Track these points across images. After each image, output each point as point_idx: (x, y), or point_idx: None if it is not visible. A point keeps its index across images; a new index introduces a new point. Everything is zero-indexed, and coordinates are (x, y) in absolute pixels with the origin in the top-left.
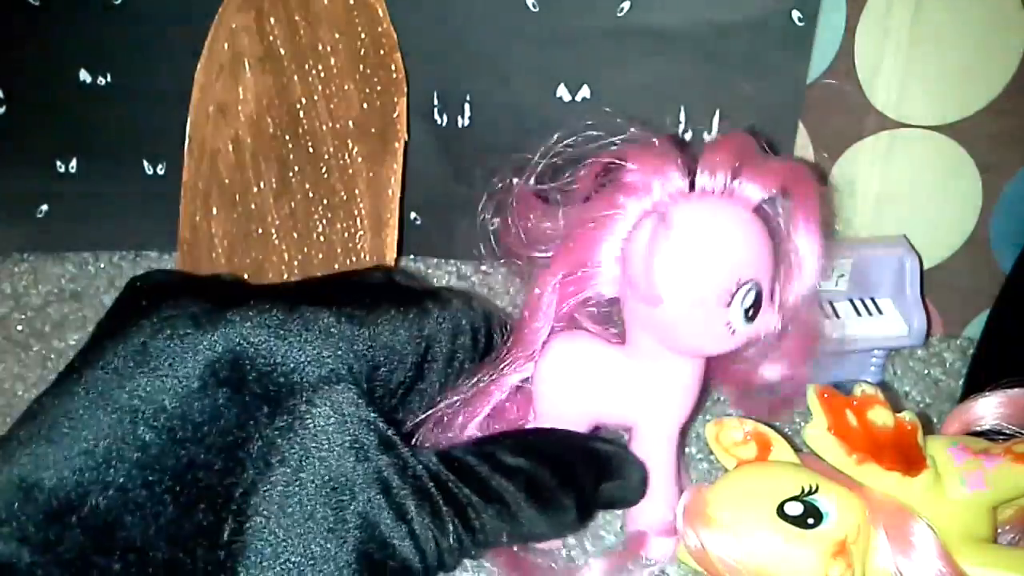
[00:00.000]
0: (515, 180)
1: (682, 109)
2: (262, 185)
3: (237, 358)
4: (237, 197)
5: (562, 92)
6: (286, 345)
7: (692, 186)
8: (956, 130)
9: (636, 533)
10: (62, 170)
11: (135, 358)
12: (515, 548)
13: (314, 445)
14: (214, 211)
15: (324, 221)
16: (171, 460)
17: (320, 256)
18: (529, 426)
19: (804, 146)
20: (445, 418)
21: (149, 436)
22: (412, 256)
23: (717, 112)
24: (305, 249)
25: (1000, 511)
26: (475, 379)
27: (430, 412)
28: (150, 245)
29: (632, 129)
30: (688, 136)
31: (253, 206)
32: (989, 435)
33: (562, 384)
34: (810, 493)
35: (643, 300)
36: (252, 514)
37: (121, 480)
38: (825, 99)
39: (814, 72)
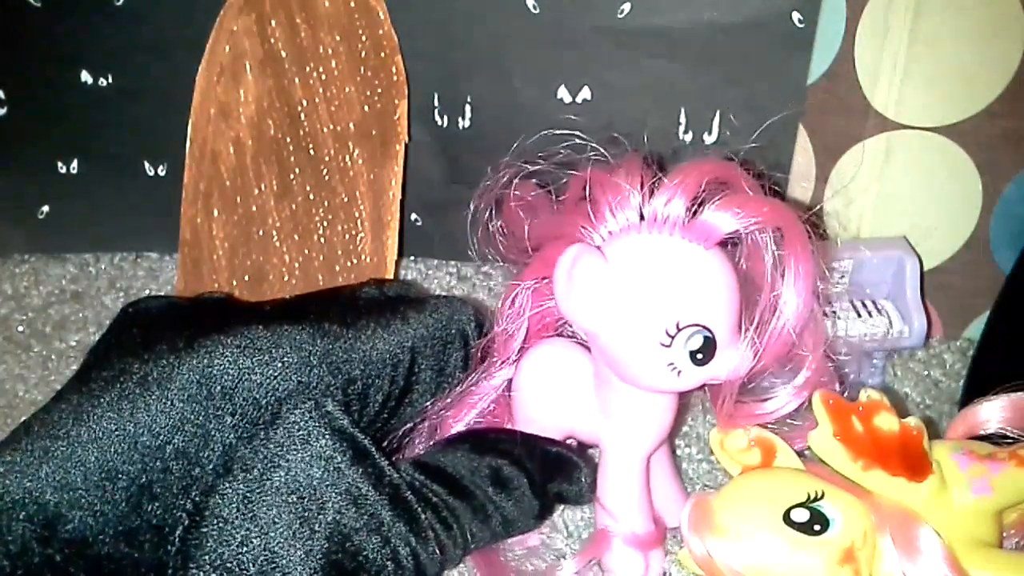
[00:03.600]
0: (507, 181)
1: (682, 110)
2: (263, 187)
3: (205, 378)
4: (238, 199)
5: (563, 93)
6: (256, 363)
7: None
8: (956, 132)
9: (600, 533)
10: (63, 171)
11: (112, 382)
12: (490, 549)
13: (279, 454)
14: (215, 213)
15: (325, 223)
16: (128, 466)
17: (321, 258)
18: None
19: (804, 148)
20: (433, 427)
21: (112, 448)
22: (412, 257)
23: (717, 114)
24: (306, 251)
25: (1005, 516)
26: (458, 387)
27: (416, 422)
28: (151, 246)
29: (615, 136)
30: (688, 138)
31: (254, 208)
32: (994, 439)
33: (539, 390)
34: (816, 499)
35: (582, 329)
36: (209, 515)
37: (74, 482)
38: (825, 101)
39: (814, 74)
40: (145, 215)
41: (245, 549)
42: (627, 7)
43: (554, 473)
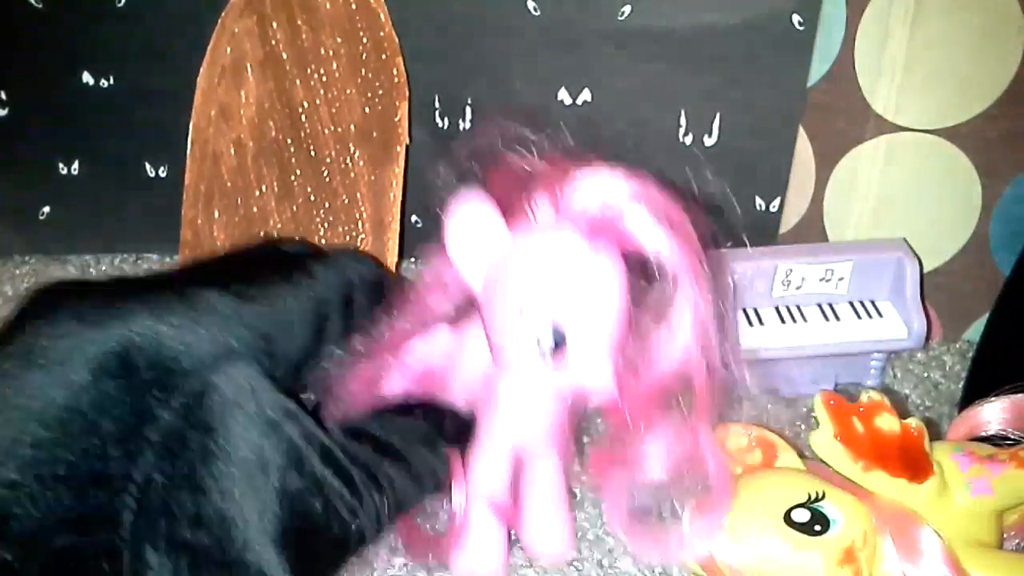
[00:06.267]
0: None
1: (683, 112)
2: (264, 188)
3: (125, 350)
4: (239, 200)
5: (563, 95)
6: (173, 329)
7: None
8: (955, 134)
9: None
10: (64, 172)
11: (25, 359)
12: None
13: (217, 421)
14: (216, 214)
15: (326, 224)
16: (64, 452)
17: None
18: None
19: (804, 149)
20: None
21: (40, 433)
22: (413, 259)
23: (717, 115)
24: None
25: (1006, 516)
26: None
27: (330, 378)
28: (152, 247)
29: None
30: (688, 140)
31: (255, 209)
32: (994, 440)
33: (446, 369)
34: (817, 500)
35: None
36: (156, 495)
37: (13, 477)
38: (825, 103)
39: (814, 76)
40: (146, 216)
41: (200, 523)
42: (627, 9)
43: (468, 435)
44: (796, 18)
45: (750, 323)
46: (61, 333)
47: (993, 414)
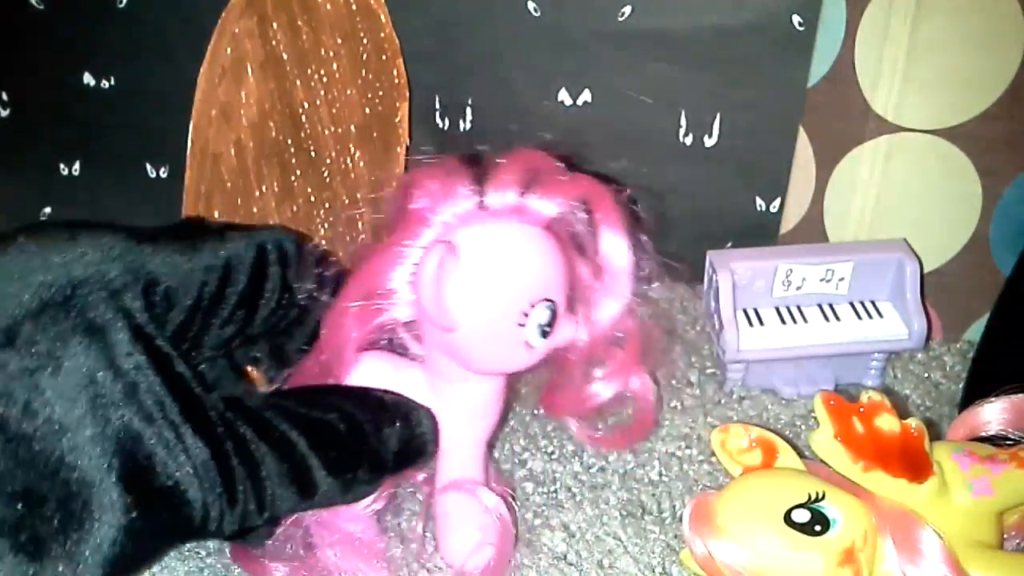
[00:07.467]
0: None
1: (683, 113)
2: (264, 189)
3: None
4: (239, 200)
5: (563, 96)
6: (50, 249)
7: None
8: (956, 134)
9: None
10: (65, 172)
11: None
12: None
13: (68, 334)
14: (216, 214)
15: (326, 225)
16: None
17: None
18: None
19: (804, 149)
20: None
21: None
22: None
23: (718, 116)
24: None
25: (1006, 517)
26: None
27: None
28: None
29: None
30: (689, 140)
31: (255, 209)
32: (995, 440)
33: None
34: (817, 500)
35: (438, 327)
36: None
37: None
38: (825, 104)
39: (814, 76)
40: (147, 217)
41: (28, 416)
42: (628, 10)
43: (393, 417)
44: (796, 18)
45: (750, 323)
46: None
47: (993, 414)
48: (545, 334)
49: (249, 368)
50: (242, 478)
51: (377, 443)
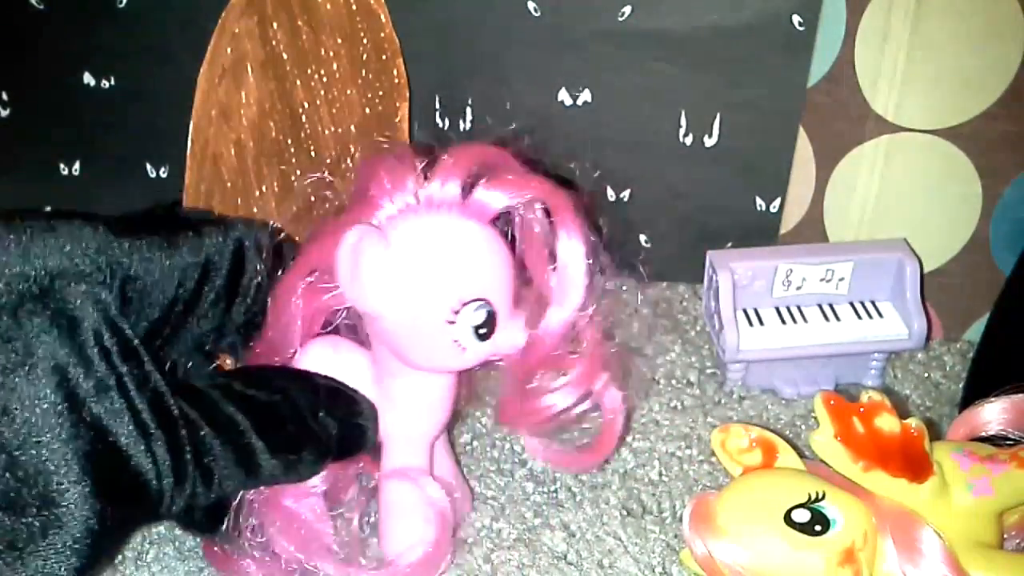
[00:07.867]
0: None
1: (683, 113)
2: (264, 189)
3: None
4: (239, 200)
5: (563, 96)
6: (26, 238)
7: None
8: (956, 134)
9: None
10: (65, 172)
11: None
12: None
13: (43, 328)
14: (216, 214)
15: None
16: None
17: None
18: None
19: (804, 149)
20: None
21: None
22: None
23: (718, 116)
24: None
25: (1006, 516)
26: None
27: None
28: None
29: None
30: (688, 140)
31: (255, 209)
32: (995, 440)
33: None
34: (817, 500)
35: (360, 309)
36: None
37: None
38: (825, 104)
39: (814, 76)
40: None
41: (7, 422)
42: (627, 10)
43: (333, 404)
44: (796, 18)
45: (750, 323)
46: None
47: (993, 414)
48: (482, 336)
49: (222, 355)
50: (192, 462)
51: (318, 428)
